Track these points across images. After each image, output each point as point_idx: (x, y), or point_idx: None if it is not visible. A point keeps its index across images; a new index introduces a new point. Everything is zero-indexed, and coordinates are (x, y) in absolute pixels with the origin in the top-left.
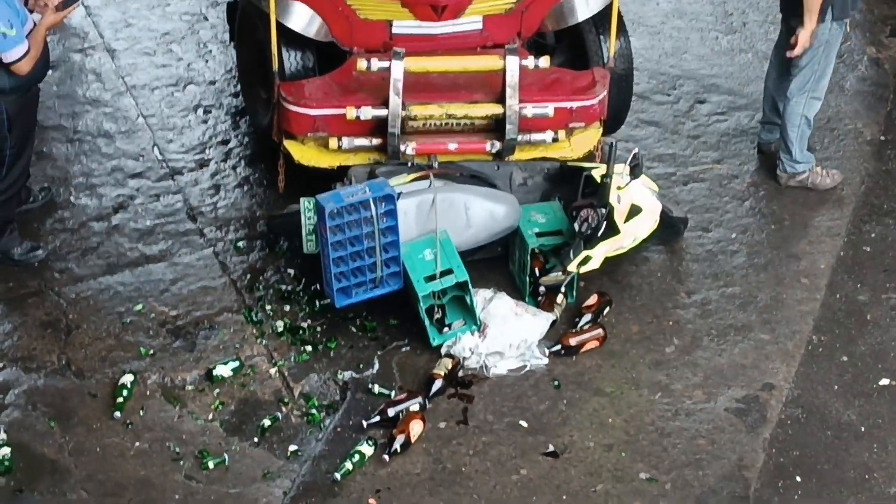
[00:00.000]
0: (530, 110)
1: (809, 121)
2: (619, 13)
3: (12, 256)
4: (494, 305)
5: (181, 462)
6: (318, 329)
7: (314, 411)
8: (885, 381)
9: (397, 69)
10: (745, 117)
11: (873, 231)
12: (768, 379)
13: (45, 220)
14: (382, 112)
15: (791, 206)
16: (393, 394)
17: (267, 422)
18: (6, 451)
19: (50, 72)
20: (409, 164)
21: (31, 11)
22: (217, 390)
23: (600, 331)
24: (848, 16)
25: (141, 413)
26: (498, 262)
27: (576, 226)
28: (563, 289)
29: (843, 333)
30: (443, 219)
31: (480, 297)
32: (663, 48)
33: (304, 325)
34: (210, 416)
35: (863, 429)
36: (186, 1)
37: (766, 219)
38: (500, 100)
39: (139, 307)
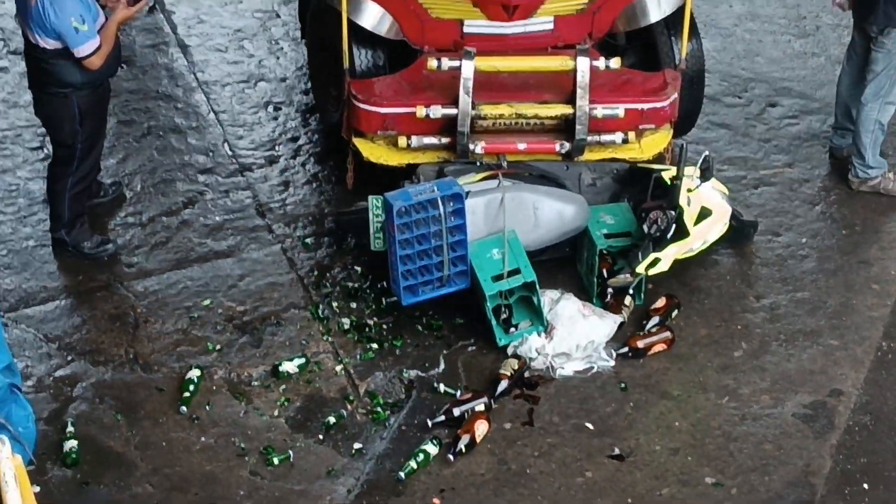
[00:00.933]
0: (601, 111)
1: (883, 126)
2: (692, 15)
3: (83, 250)
4: (562, 306)
5: (246, 458)
6: (385, 327)
7: (379, 409)
8: None
9: (468, 68)
10: (816, 121)
11: None
12: (837, 385)
13: (116, 215)
14: (452, 111)
15: (862, 211)
16: (458, 393)
17: (332, 419)
18: (73, 443)
19: (123, 66)
20: (478, 163)
21: (104, 7)
22: (283, 386)
23: (668, 333)
24: None
25: (207, 408)
26: (566, 263)
27: (645, 227)
28: (630, 291)
29: None
30: (511, 218)
31: (548, 298)
32: (735, 50)
33: (371, 322)
34: (275, 413)
35: None
36: None
37: (836, 224)
38: (571, 100)
39: (207, 302)
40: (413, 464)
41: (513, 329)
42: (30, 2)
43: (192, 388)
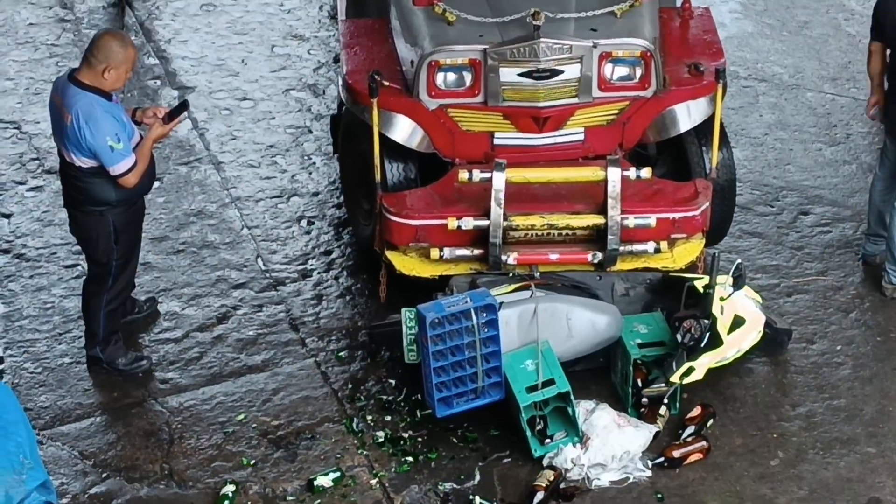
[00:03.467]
0: (632, 221)
1: None
2: (722, 124)
3: (117, 367)
4: (597, 416)
5: None
6: (419, 439)
7: None
8: None
9: (499, 180)
10: (849, 228)
11: None
12: (874, 493)
13: (150, 331)
14: (484, 222)
15: None
16: None
17: None
18: None
19: (157, 183)
20: (511, 274)
21: (139, 124)
22: (318, 501)
23: (704, 443)
24: None
25: None
26: (600, 373)
27: (678, 337)
28: (665, 400)
29: None
30: (544, 329)
31: (582, 408)
32: (766, 159)
33: (405, 435)
34: None
35: None
36: (291, 114)
37: (871, 331)
38: (602, 210)
39: (241, 417)
40: None
41: (548, 440)
42: (65, 121)
43: (227, 503)
